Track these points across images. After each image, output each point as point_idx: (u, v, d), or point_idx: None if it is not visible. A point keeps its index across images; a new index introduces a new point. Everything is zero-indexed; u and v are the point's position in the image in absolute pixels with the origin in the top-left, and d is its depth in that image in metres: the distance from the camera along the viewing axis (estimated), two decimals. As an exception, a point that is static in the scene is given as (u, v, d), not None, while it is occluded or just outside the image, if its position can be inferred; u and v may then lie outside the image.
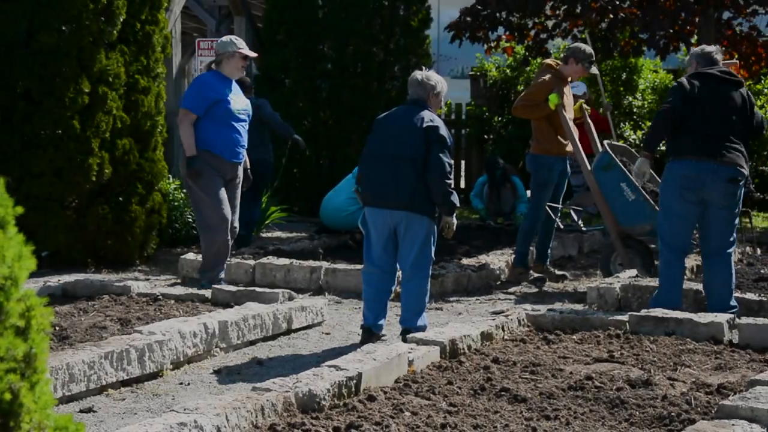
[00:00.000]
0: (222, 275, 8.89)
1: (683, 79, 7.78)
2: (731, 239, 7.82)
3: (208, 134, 8.61)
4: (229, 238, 8.79)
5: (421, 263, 7.37)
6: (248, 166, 9.15)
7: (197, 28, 19.28)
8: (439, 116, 7.56)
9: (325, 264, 9.66)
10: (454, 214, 7.46)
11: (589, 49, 9.76)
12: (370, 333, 7.43)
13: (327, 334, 7.86)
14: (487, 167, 14.03)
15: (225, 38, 8.91)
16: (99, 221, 10.29)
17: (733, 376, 6.07)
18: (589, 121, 10.02)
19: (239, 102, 8.79)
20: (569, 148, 9.61)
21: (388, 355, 5.97)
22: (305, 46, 14.75)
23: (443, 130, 7.35)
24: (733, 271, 7.85)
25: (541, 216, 9.87)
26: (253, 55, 9.06)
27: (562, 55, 10.29)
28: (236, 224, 8.93)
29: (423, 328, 7.23)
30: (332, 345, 7.50)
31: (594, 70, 9.86)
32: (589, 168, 9.31)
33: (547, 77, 9.59)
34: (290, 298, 8.13)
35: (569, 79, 9.77)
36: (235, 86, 8.82)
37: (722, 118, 7.67)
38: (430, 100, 7.47)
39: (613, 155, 9.18)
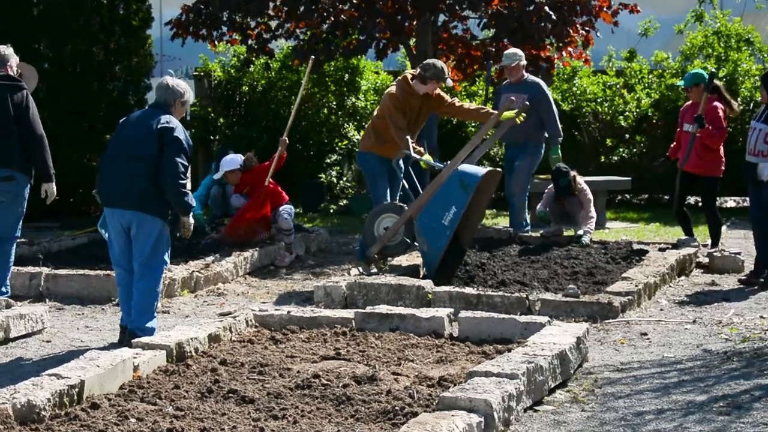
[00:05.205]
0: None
1: None
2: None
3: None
4: None
5: (152, 263, 7.38)
6: None
7: None
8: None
9: (45, 270, 9.35)
10: (190, 214, 7.50)
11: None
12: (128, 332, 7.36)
13: (48, 342, 7.62)
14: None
15: None
16: None
17: (453, 369, 6.30)
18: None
19: None
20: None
21: (112, 362, 5.85)
22: (20, 45, 14.20)
23: (179, 132, 7.33)
24: None
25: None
26: None
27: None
28: None
29: (151, 332, 7.19)
30: (53, 353, 7.29)
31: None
32: (455, 164, 9.17)
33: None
34: (8, 306, 7.85)
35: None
36: None
37: None
38: (175, 106, 7.49)
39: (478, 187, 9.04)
